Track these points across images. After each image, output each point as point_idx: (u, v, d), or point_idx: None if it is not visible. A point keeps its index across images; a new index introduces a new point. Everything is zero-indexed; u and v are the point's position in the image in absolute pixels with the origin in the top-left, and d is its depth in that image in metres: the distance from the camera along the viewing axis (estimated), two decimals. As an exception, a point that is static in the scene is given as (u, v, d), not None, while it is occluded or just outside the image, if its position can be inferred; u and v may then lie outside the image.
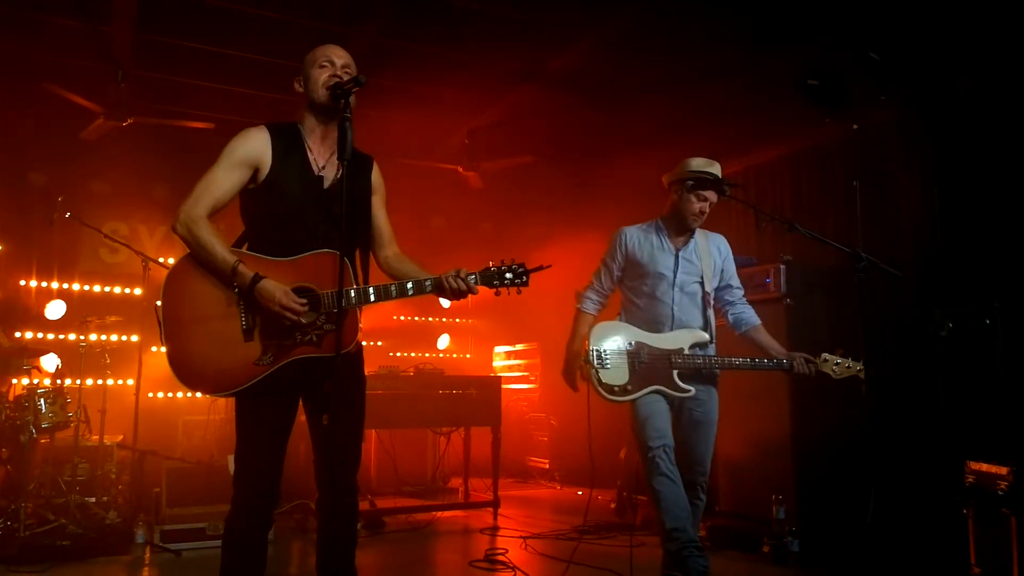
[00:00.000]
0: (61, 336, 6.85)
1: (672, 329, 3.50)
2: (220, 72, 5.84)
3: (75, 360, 5.31)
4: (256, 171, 2.58)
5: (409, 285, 2.60)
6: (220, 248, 2.48)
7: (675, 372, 3.44)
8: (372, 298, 2.56)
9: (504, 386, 6.07)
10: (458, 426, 6.06)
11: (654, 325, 3.51)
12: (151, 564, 4.33)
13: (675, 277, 3.52)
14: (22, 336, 6.72)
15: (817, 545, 4.38)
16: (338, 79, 2.57)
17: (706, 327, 3.56)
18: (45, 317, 6.79)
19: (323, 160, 2.66)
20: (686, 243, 3.58)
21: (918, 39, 4.64)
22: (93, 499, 5.02)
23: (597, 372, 3.40)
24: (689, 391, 3.45)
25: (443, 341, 9.17)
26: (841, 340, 4.50)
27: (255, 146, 2.58)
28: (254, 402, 2.55)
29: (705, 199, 3.48)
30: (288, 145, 2.62)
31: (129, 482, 5.49)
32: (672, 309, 3.51)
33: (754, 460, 4.82)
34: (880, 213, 5.29)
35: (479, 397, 5.70)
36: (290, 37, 5.20)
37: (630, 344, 3.45)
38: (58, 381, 5.10)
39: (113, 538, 4.59)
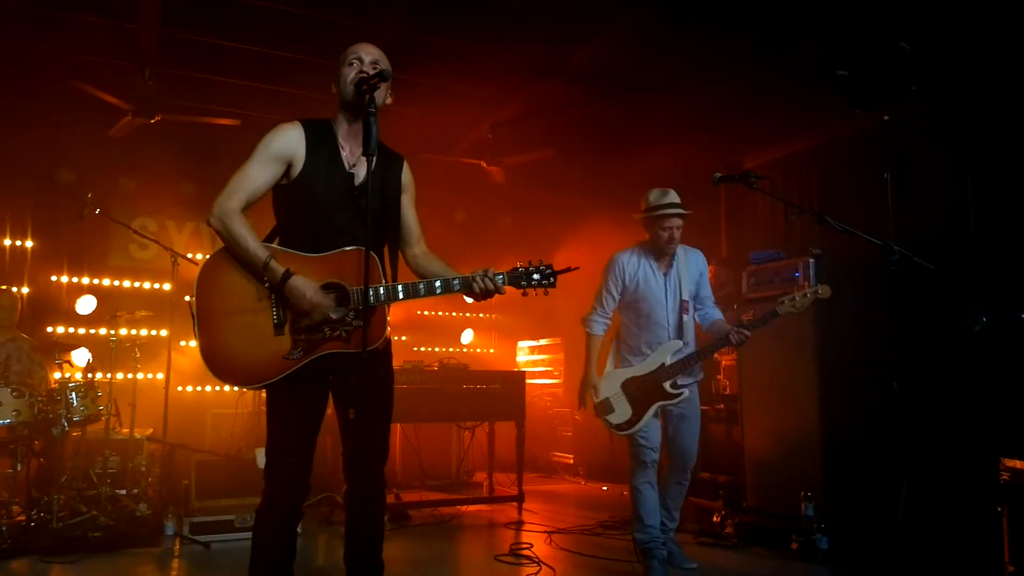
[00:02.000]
0: (92, 331, 6.97)
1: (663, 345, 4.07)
2: (246, 68, 5.88)
3: (105, 354, 5.39)
4: (289, 167, 2.60)
5: (437, 284, 2.62)
6: (253, 242, 2.51)
7: (666, 384, 3.99)
8: (401, 295, 2.58)
9: (528, 381, 6.06)
10: (482, 421, 6.07)
11: (652, 344, 4.06)
12: (181, 556, 4.38)
13: (666, 300, 4.07)
14: (54, 331, 6.84)
15: (846, 542, 4.33)
16: (364, 75, 2.57)
17: (682, 332, 4.08)
18: (76, 312, 6.89)
19: (354, 157, 2.67)
20: (670, 265, 4.10)
21: (949, 28, 4.55)
22: (124, 491, 5.10)
23: (607, 420, 4.05)
24: (683, 393, 4.00)
25: (467, 336, 9.19)
26: (871, 334, 4.45)
27: (289, 142, 2.60)
28: (284, 396, 2.58)
29: (670, 227, 3.98)
30: (321, 142, 2.64)
31: (159, 475, 5.57)
32: (668, 330, 4.07)
33: (782, 456, 4.77)
34: (911, 205, 5.20)
35: (503, 392, 5.69)
36: (315, 32, 5.22)
37: (622, 385, 4.05)
38: (89, 375, 5.18)
39: (143, 530, 4.66)
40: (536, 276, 2.69)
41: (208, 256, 2.61)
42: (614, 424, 4.05)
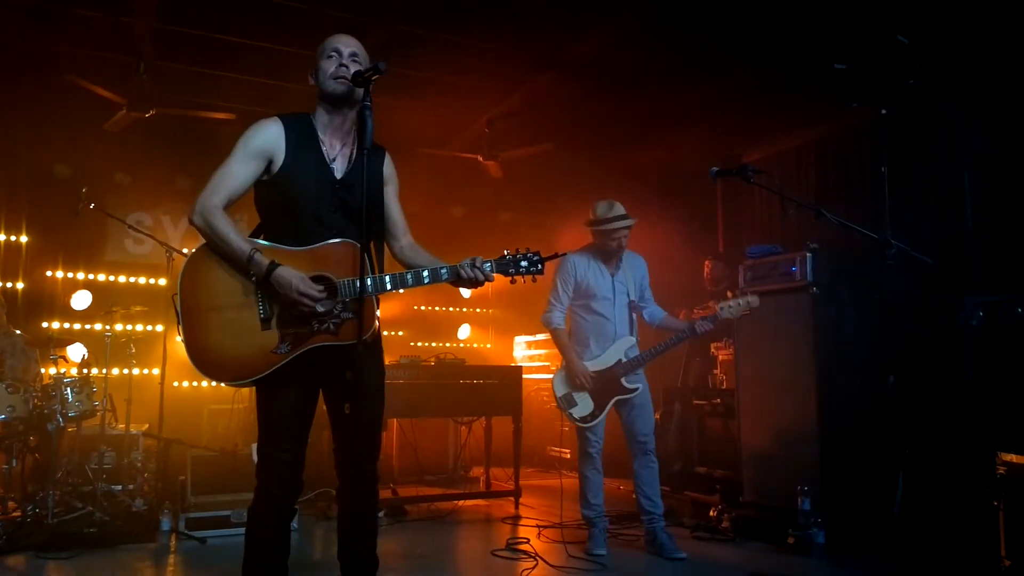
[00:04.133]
0: (87, 326, 6.95)
1: (615, 341, 4.37)
2: (241, 62, 5.84)
3: (101, 350, 5.37)
4: (270, 162, 2.59)
5: (425, 273, 2.61)
6: (236, 237, 2.49)
7: (623, 379, 4.30)
8: (388, 286, 2.57)
9: (525, 376, 6.06)
10: (479, 416, 6.06)
11: (600, 339, 4.40)
12: (177, 551, 4.37)
13: (614, 298, 4.42)
14: (49, 326, 6.82)
15: (843, 536, 4.33)
16: (344, 67, 2.58)
17: (632, 329, 4.46)
18: (71, 307, 6.88)
19: (335, 151, 2.66)
20: (617, 267, 4.45)
21: (947, 22, 4.54)
22: (119, 487, 5.09)
23: (570, 413, 4.34)
24: (637, 388, 4.32)
25: (464, 331, 9.18)
26: (868, 328, 4.43)
27: (269, 138, 2.59)
28: (273, 391, 2.56)
29: (618, 237, 4.33)
30: (301, 136, 2.62)
31: (155, 470, 5.56)
32: (614, 324, 4.41)
33: (779, 451, 4.76)
34: (908, 199, 5.20)
35: (500, 387, 5.69)
36: (310, 26, 5.16)
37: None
38: (84, 370, 5.16)
39: (139, 525, 4.65)
40: (524, 263, 2.69)
41: (191, 252, 2.59)
42: (577, 417, 4.33)
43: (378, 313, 2.66)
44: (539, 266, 2.70)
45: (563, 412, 4.37)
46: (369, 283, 2.51)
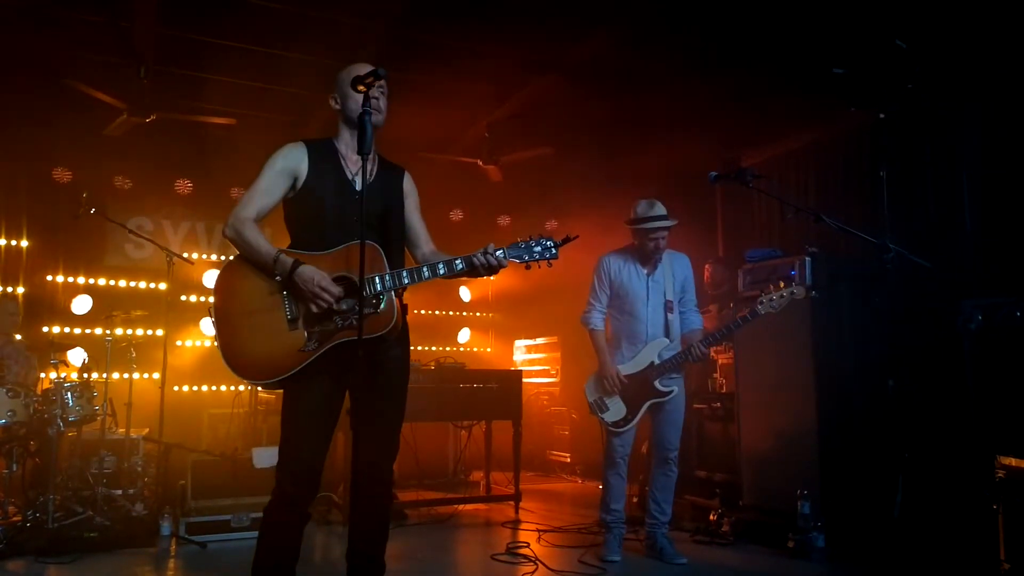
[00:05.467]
0: (87, 331, 6.96)
1: (647, 342, 4.28)
2: (242, 67, 5.86)
3: (101, 354, 5.37)
4: (295, 180, 2.74)
5: (440, 265, 2.70)
6: (263, 243, 2.64)
7: (656, 382, 4.20)
8: (405, 280, 2.65)
9: (525, 380, 6.07)
10: (479, 420, 6.06)
11: (632, 340, 4.31)
12: (177, 556, 4.37)
13: (648, 299, 4.32)
14: (49, 331, 6.83)
15: (843, 540, 4.32)
16: (376, 100, 2.69)
17: (668, 330, 4.32)
18: (72, 312, 6.88)
19: (356, 166, 2.79)
20: (654, 268, 4.35)
21: (946, 26, 4.55)
22: (120, 491, 5.09)
23: (603, 418, 4.26)
24: (672, 391, 4.21)
25: (464, 335, 9.18)
26: (867, 331, 4.43)
27: (294, 158, 2.75)
28: (301, 391, 2.64)
29: (656, 238, 4.23)
30: (323, 156, 2.78)
31: (155, 475, 5.55)
32: (646, 325, 4.31)
33: (779, 454, 4.76)
34: (907, 203, 5.21)
35: (500, 391, 5.69)
36: (310, 31, 5.20)
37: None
38: (85, 375, 5.16)
39: (139, 530, 4.65)
40: (537, 248, 2.74)
41: (226, 262, 2.75)
42: (609, 422, 4.24)
43: (399, 308, 2.72)
44: (553, 251, 2.74)
45: (597, 417, 4.30)
46: (388, 278, 2.61)
